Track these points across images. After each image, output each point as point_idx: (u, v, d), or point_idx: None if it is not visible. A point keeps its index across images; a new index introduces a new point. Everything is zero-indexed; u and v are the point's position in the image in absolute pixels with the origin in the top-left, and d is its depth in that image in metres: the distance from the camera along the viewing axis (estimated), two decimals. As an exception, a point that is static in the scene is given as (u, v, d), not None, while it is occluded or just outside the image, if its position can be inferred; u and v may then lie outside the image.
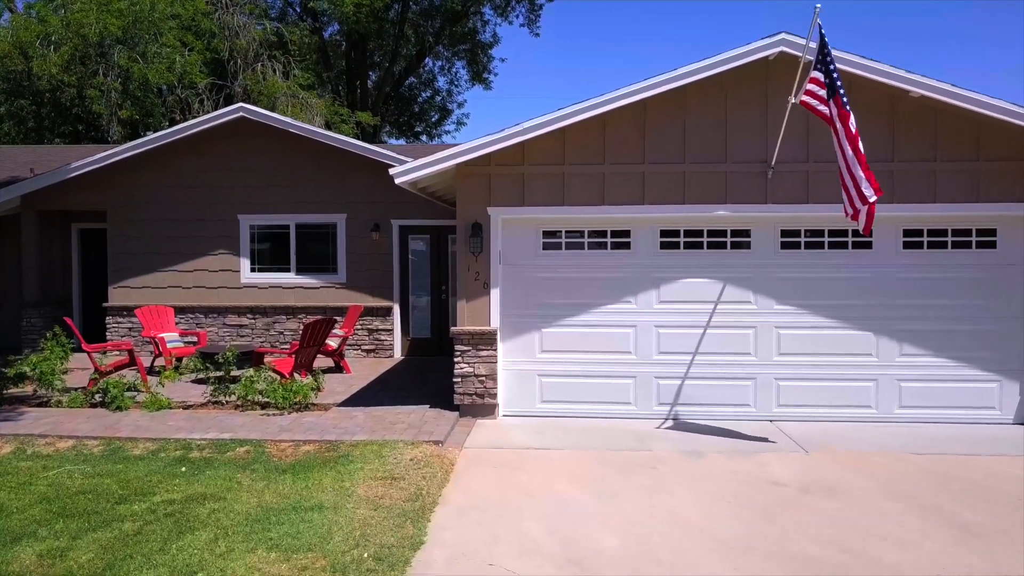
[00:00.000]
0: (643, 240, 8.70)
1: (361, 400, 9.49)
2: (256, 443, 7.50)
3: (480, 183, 8.62)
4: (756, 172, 8.38)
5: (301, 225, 13.04)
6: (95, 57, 21.71)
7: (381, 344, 12.93)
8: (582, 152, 8.53)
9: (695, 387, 8.67)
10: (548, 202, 8.55)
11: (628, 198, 8.49)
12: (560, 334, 8.76)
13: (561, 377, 8.77)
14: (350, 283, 12.94)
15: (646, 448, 7.49)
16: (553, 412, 8.75)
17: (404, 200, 12.78)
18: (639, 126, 8.48)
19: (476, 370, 8.62)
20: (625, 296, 8.71)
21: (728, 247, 8.66)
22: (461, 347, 8.63)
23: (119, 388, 8.86)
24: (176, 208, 13.06)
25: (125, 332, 13.15)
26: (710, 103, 8.43)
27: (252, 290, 13.05)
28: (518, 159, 8.57)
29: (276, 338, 12.96)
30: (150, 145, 12.75)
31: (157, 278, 13.13)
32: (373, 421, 8.31)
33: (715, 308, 8.64)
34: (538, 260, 8.78)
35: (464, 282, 8.67)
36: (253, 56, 24.39)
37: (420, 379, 10.98)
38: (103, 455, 7.25)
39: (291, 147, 12.87)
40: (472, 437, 7.83)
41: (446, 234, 12.99)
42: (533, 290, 8.77)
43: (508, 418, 8.72)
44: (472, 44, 33.91)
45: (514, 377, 8.80)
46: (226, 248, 13.04)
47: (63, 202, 13.28)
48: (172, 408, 8.95)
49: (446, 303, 13.05)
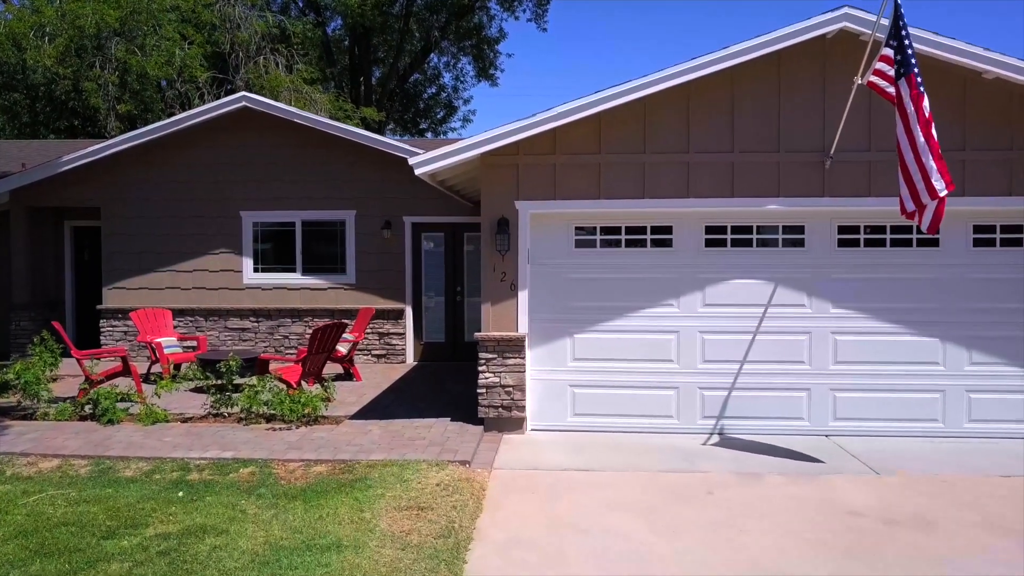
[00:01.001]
0: (686, 237, 7.92)
1: (375, 412, 8.71)
2: (262, 463, 6.73)
3: (507, 175, 7.84)
4: (812, 162, 7.60)
5: (307, 222, 12.26)
6: (91, 49, 20.93)
7: (392, 349, 12.15)
8: (620, 140, 7.75)
9: (743, 399, 7.90)
10: (582, 195, 7.78)
11: (671, 191, 7.72)
12: (594, 341, 7.98)
13: (595, 388, 7.99)
14: (359, 284, 12.17)
15: (696, 469, 6.71)
16: (586, 426, 7.97)
17: (417, 196, 12.03)
18: (683, 111, 7.70)
19: (502, 380, 7.84)
20: (666, 299, 7.93)
21: (780, 245, 7.88)
22: (486, 355, 7.85)
23: (111, 399, 8.09)
24: (174, 204, 12.29)
25: (120, 336, 12.37)
26: (761, 86, 7.65)
27: (255, 291, 12.27)
28: (549, 148, 7.79)
29: (281, 343, 12.18)
30: (147, 137, 11.97)
31: (154, 279, 12.35)
32: (390, 436, 7.53)
33: (765, 312, 7.86)
34: (570, 259, 8.00)
35: (489, 283, 7.90)
36: (255, 49, 23.63)
37: (436, 388, 10.20)
38: (91, 477, 6.48)
39: (297, 139, 12.09)
40: (501, 456, 7.05)
41: (462, 232, 12.22)
42: (564, 292, 8.00)
43: (537, 433, 7.94)
44: (478, 39, 33.17)
45: (543, 388, 8.02)
46: (227, 247, 12.26)
47: (55, 198, 12.51)
48: (169, 421, 8.17)
49: (461, 305, 12.27)
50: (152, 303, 12.21)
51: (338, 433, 7.70)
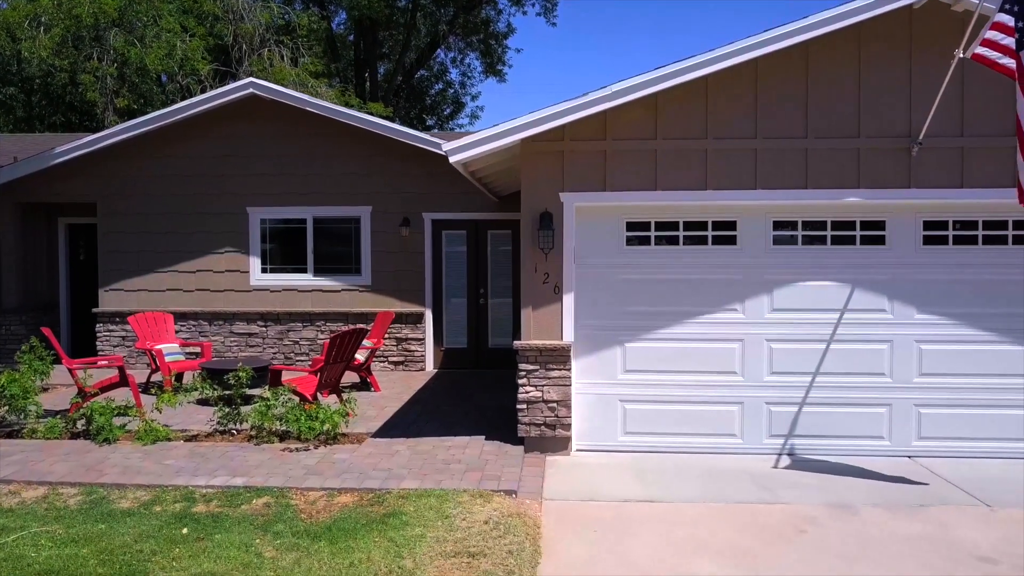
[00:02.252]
0: (752, 233, 7.05)
1: (399, 428, 7.85)
2: (278, 492, 5.86)
3: (551, 163, 6.97)
4: (896, 149, 6.74)
5: (319, 219, 11.39)
6: (89, 40, 20.06)
7: (411, 355, 11.28)
8: (679, 124, 6.89)
9: (815, 416, 7.03)
10: (636, 186, 6.91)
11: (736, 181, 6.85)
12: (647, 350, 7.12)
13: (649, 403, 7.12)
14: (375, 286, 11.30)
15: (778, 499, 5.84)
16: (638, 446, 7.11)
17: (438, 191, 11.17)
18: (750, 92, 6.84)
19: (545, 395, 6.97)
20: (729, 303, 7.07)
21: (857, 242, 7.01)
22: (526, 366, 6.99)
23: (106, 415, 7.22)
24: (176, 200, 11.43)
25: (118, 342, 11.51)
26: (838, 64, 6.79)
27: (263, 294, 11.41)
28: (599, 132, 6.93)
29: (291, 349, 11.32)
30: (147, 127, 11.11)
31: (154, 280, 11.49)
32: (421, 459, 6.66)
33: (840, 318, 6.99)
34: (621, 258, 7.14)
35: (530, 286, 7.03)
36: (259, 41, 22.77)
37: (462, 399, 9.33)
38: (82, 510, 5.61)
39: (308, 130, 11.23)
40: (550, 483, 6.18)
41: (485, 229, 11.35)
42: (614, 295, 7.13)
43: (584, 454, 7.08)
44: (485, 34, 32.35)
45: (590, 403, 7.16)
46: (233, 246, 11.40)
47: (48, 193, 11.65)
48: (171, 439, 7.30)
49: (485, 308, 11.41)
50: (152, 306, 11.35)
51: (361, 454, 6.83)
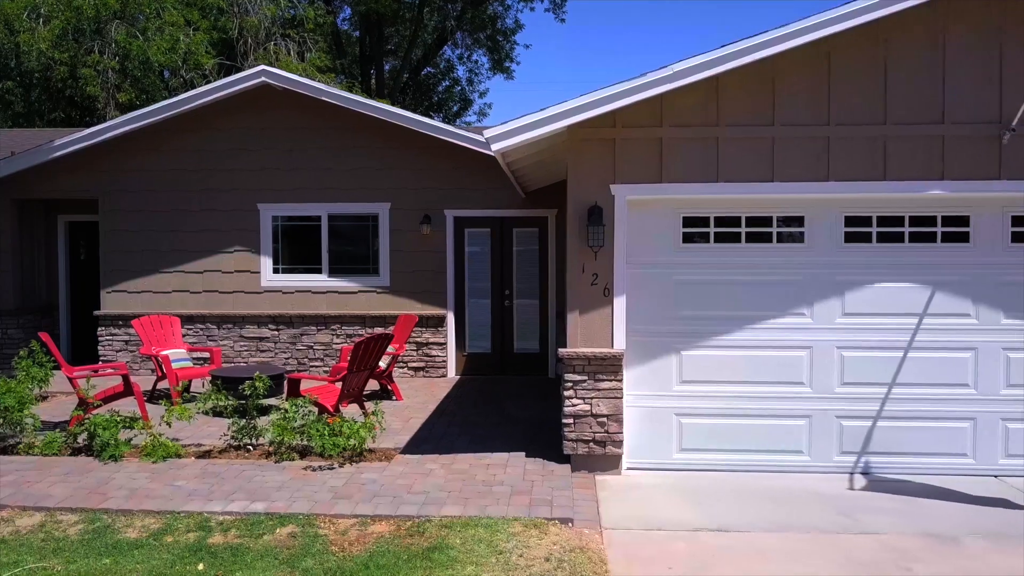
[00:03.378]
0: (821, 230, 6.40)
1: (430, 442, 7.20)
2: (304, 520, 5.21)
3: (601, 152, 6.32)
4: (985, 136, 6.09)
5: (335, 216, 10.74)
6: (90, 33, 19.42)
7: (432, 361, 10.63)
8: (743, 109, 6.24)
9: (891, 431, 6.38)
10: (695, 177, 6.26)
11: (806, 173, 6.20)
12: (705, 359, 6.47)
13: (707, 417, 6.47)
14: (394, 287, 10.65)
15: (865, 527, 5.19)
16: (695, 464, 6.46)
17: (461, 186, 10.53)
18: (821, 74, 6.19)
19: (594, 408, 6.32)
20: (796, 306, 6.42)
21: (938, 239, 6.36)
22: (573, 377, 6.33)
23: (111, 430, 6.57)
24: (183, 196, 10.78)
25: (121, 346, 10.86)
26: (920, 43, 6.14)
27: (275, 295, 10.75)
28: (654, 118, 6.28)
29: (304, 354, 10.66)
30: (152, 119, 10.46)
31: (159, 281, 10.84)
32: (459, 480, 6.01)
33: (919, 323, 6.34)
34: (676, 257, 6.49)
35: (577, 288, 6.38)
36: (265, 35, 22.14)
37: (492, 410, 8.68)
38: (84, 540, 4.96)
39: (323, 121, 10.58)
40: (607, 509, 5.53)
41: (511, 227, 10.70)
42: (669, 298, 6.48)
43: (636, 473, 6.43)
44: (493, 31, 31.72)
45: (642, 417, 6.51)
46: (243, 244, 10.75)
47: (47, 189, 11.00)
48: (181, 456, 6.65)
49: (510, 311, 10.75)
50: (157, 308, 10.69)
51: (392, 474, 6.18)
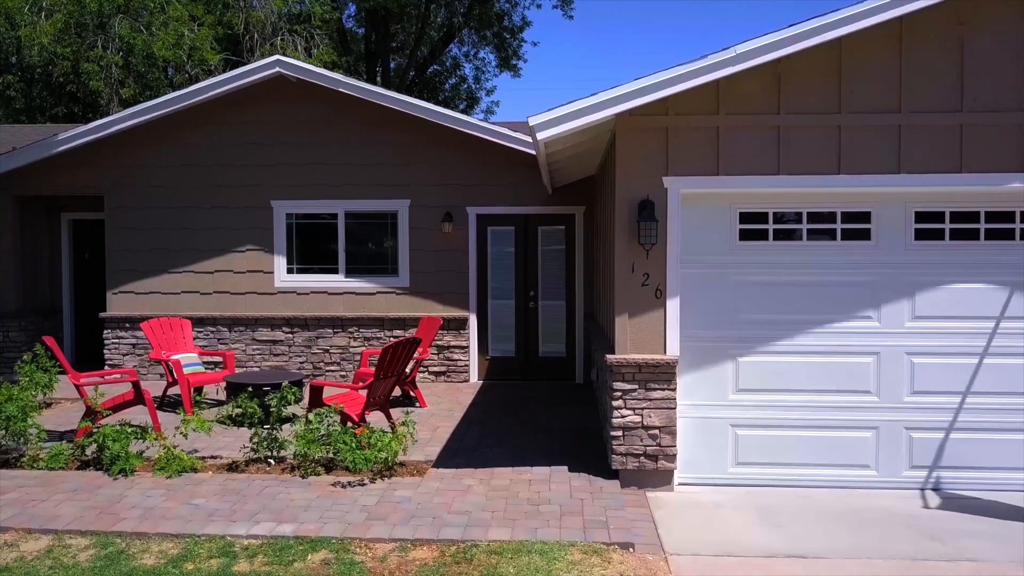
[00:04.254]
0: (889, 226, 5.92)
1: (462, 454, 6.72)
2: (337, 545, 4.73)
3: (653, 142, 5.85)
4: (1072, 124, 5.62)
5: (352, 214, 10.26)
6: (93, 28, 18.95)
7: (454, 365, 10.15)
8: (807, 95, 5.76)
9: (965, 444, 5.90)
10: (755, 169, 5.78)
11: (875, 164, 5.72)
12: (764, 365, 5.99)
13: (765, 429, 5.99)
14: (414, 288, 10.17)
15: (957, 553, 4.72)
16: (752, 479, 5.98)
17: (483, 182, 10.06)
18: (892, 55, 5.71)
19: (645, 419, 5.84)
20: (862, 309, 5.94)
21: (1017, 237, 5.88)
22: (622, 385, 5.85)
23: (121, 442, 6.08)
24: (193, 193, 10.30)
25: (128, 350, 10.38)
26: (1003, 18, 5.66)
27: (289, 297, 10.27)
28: (710, 106, 5.80)
29: (320, 358, 10.18)
30: (160, 111, 9.98)
31: (168, 281, 10.36)
32: (502, 498, 5.54)
33: (997, 327, 5.86)
34: (732, 256, 6.01)
35: (626, 289, 5.90)
36: (271, 30, 21.69)
37: (522, 419, 8.20)
38: (95, 568, 4.48)
39: (340, 113, 10.10)
40: (667, 531, 5.04)
41: (536, 225, 10.22)
42: (724, 300, 6.00)
43: (690, 488, 5.95)
44: (500, 28, 31.27)
45: (695, 428, 6.03)
46: (256, 243, 10.27)
47: (50, 185, 10.53)
48: (198, 470, 6.18)
49: (535, 313, 10.27)
50: (166, 311, 10.22)
51: (427, 491, 5.70)
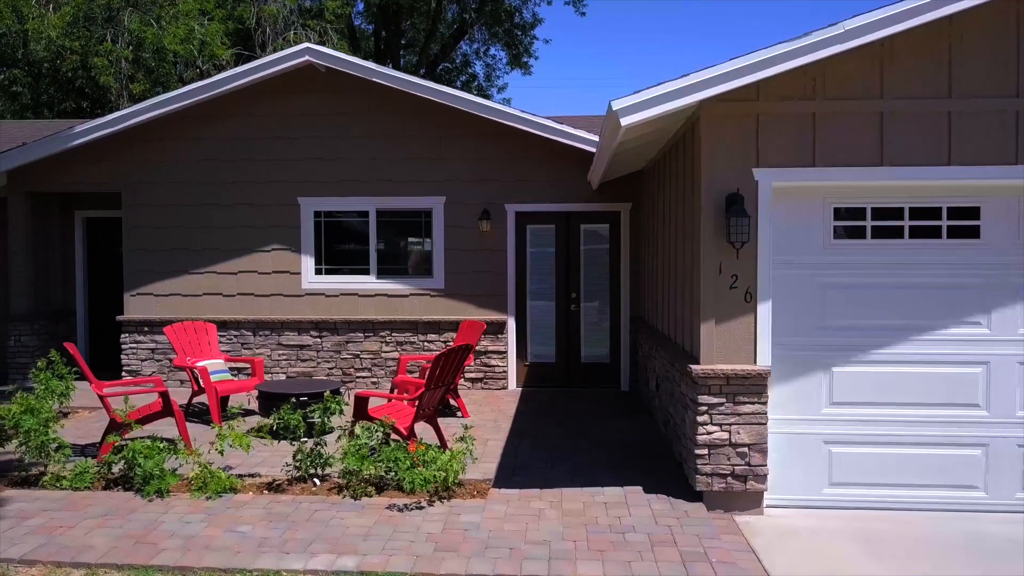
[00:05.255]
0: (1001, 222, 5.38)
1: (521, 471, 6.17)
2: (408, 582, 4.19)
3: (741, 130, 5.31)
4: None
5: (384, 212, 9.72)
6: (102, 21, 18.42)
7: (491, 371, 9.61)
8: (913, 78, 5.22)
9: (1085, 462, 5.37)
10: (855, 160, 5.25)
11: (988, 154, 5.19)
12: (860, 377, 5.44)
13: (861, 445, 5.45)
14: (449, 289, 9.63)
15: (1109, 592, 4.18)
16: (847, 501, 5.44)
17: (522, 178, 9.53)
18: (1009, 34, 5.17)
19: (733, 436, 5.30)
20: (970, 314, 5.39)
21: None
22: (708, 399, 5.31)
23: (154, 459, 5.54)
24: (215, 189, 9.76)
25: (146, 355, 9.83)
26: None
27: (317, 299, 9.73)
28: (806, 89, 5.27)
29: (350, 363, 9.64)
30: (180, 103, 9.43)
31: (189, 283, 9.82)
32: (579, 524, 4.99)
33: (1119, 334, 5.33)
34: (825, 256, 5.47)
35: (711, 292, 5.36)
36: (284, 25, 21.17)
37: (573, 429, 7.66)
38: (136, 610, 3.94)
39: (370, 105, 9.57)
40: (772, 563, 4.49)
41: (578, 223, 9.68)
42: (815, 305, 5.46)
43: (780, 511, 5.40)
44: (511, 24, 30.76)
45: (785, 445, 5.49)
46: (282, 242, 9.73)
47: (63, 181, 9.98)
48: (237, 490, 5.63)
49: (576, 316, 9.73)
50: (187, 314, 9.68)
51: (495, 515, 5.16)
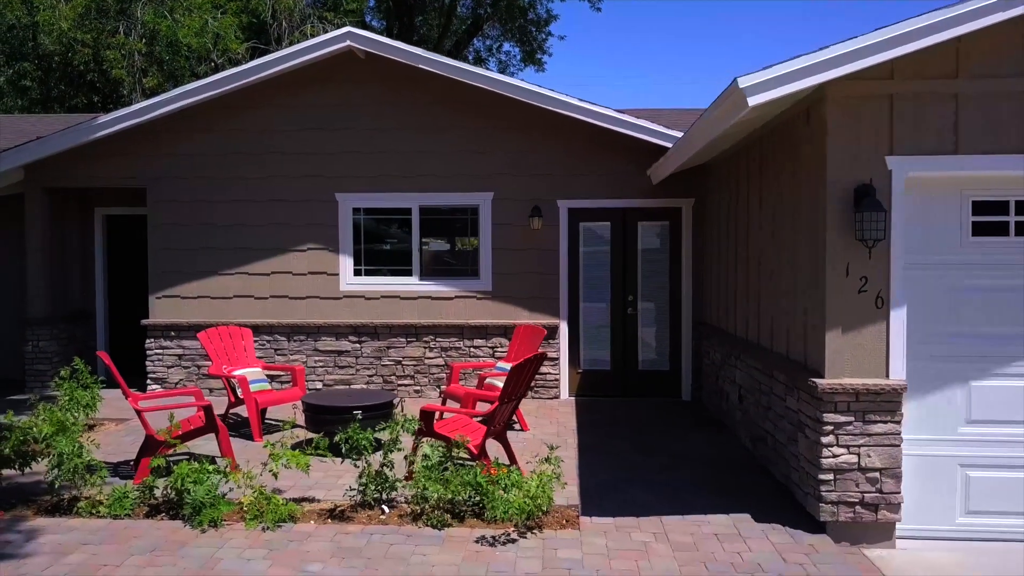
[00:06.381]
0: None
1: (606, 495, 5.56)
2: (521, 637, 3.57)
3: (873, 113, 4.69)
4: None
5: (427, 209, 9.11)
6: (114, 13, 17.82)
7: (542, 379, 8.99)
8: (1072, 54, 4.61)
9: None
10: (1005, 146, 4.63)
11: None
12: (1002, 392, 4.82)
13: (1003, 470, 4.83)
14: (497, 292, 9.01)
15: None
16: (986, 532, 4.82)
17: (575, 172, 8.93)
18: None
19: (863, 459, 4.68)
20: None
21: None
22: (834, 417, 4.69)
23: (205, 487, 4.92)
24: (246, 184, 9.14)
25: (173, 361, 9.21)
26: None
27: (356, 301, 9.11)
28: (947, 68, 4.65)
29: (391, 370, 9.02)
30: (210, 92, 8.81)
31: (218, 284, 9.19)
32: (696, 561, 4.37)
33: None
34: (962, 255, 4.85)
35: (839, 296, 4.74)
36: (300, 18, 20.55)
37: (646, 444, 7.04)
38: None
39: (414, 95, 8.96)
40: (939, 612, 3.89)
41: (635, 220, 9.06)
42: (951, 309, 4.85)
43: (911, 542, 4.78)
44: (524, 21, 30.20)
45: (917, 469, 4.86)
46: (318, 241, 9.11)
47: (83, 176, 9.36)
48: (297, 519, 5.01)
49: (633, 321, 9.10)
50: (216, 317, 9.07)
51: (594, 549, 4.54)
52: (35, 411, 5.83)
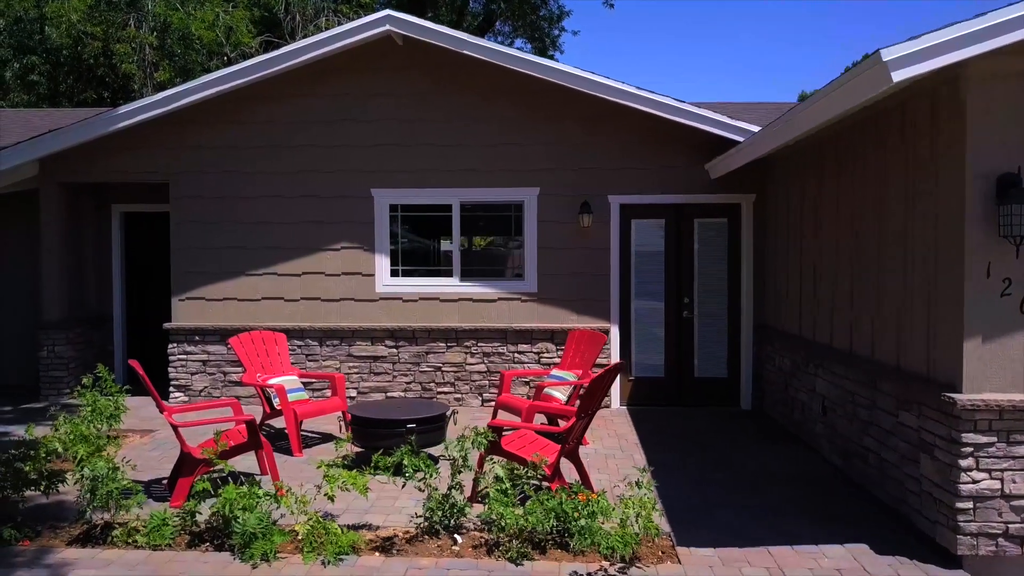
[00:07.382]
0: None
1: (698, 520, 5.00)
2: None
3: (1018, 94, 4.14)
4: None
5: (468, 205, 8.55)
6: (124, 5, 17.26)
7: (591, 387, 8.41)
8: None
9: None
10: None
11: None
12: None
13: None
14: (542, 294, 8.45)
15: None
16: None
17: (626, 165, 8.38)
18: None
19: (1008, 486, 4.13)
20: None
21: None
22: (974, 437, 4.14)
23: (257, 515, 4.36)
24: (274, 179, 8.58)
25: (197, 368, 8.65)
26: None
27: (393, 304, 8.55)
28: (1107, 41, 4.09)
29: (430, 377, 8.46)
30: (238, 80, 8.25)
31: (246, 286, 8.64)
32: (830, 605, 3.81)
33: None
34: (1112, 254, 4.30)
35: (979, 299, 4.18)
36: (313, 12, 20.02)
37: (719, 459, 6.48)
38: None
39: (454, 84, 8.40)
40: None
41: (691, 217, 8.50)
42: (1099, 316, 4.29)
43: (1058, 580, 4.23)
44: (536, 17, 29.67)
45: (1059, 493, 4.31)
46: (353, 240, 8.55)
47: (101, 170, 8.80)
48: (359, 551, 4.45)
49: (689, 325, 8.54)
50: (242, 320, 8.52)
51: (706, 589, 3.98)
52: (55, 423, 5.32)
